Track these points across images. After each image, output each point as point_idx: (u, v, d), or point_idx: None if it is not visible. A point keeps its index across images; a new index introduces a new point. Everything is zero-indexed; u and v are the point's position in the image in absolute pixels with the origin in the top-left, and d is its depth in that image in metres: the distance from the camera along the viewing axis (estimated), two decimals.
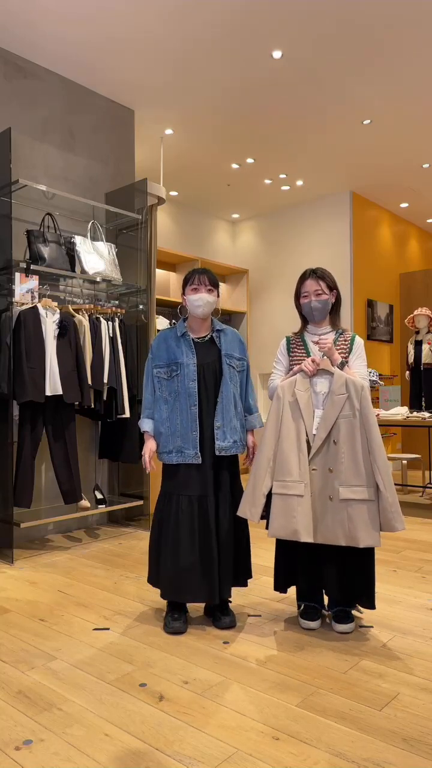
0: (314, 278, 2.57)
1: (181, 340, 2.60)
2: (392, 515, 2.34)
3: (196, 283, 2.57)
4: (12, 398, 3.60)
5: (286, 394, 2.50)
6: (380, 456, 2.37)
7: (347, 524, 2.34)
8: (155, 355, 2.63)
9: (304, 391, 2.47)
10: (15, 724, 1.85)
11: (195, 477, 2.54)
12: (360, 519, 2.33)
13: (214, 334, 2.66)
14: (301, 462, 2.41)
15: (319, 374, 2.49)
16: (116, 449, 4.32)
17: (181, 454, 2.53)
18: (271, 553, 3.72)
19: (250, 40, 3.98)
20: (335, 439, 2.41)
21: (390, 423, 5.08)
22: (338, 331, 2.62)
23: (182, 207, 7.18)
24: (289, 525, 2.37)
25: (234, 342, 2.68)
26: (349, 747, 1.71)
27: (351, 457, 2.38)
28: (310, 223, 7.16)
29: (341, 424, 2.40)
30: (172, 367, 2.57)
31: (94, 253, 4.15)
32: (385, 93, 4.70)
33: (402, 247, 7.93)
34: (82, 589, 3.11)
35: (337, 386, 2.43)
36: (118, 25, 3.84)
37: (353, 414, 2.40)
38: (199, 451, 2.52)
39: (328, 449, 2.42)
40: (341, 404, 2.41)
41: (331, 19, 3.77)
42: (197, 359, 2.57)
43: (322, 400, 2.48)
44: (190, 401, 2.54)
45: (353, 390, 2.42)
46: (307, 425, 2.44)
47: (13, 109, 4.14)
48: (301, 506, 2.37)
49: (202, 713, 1.90)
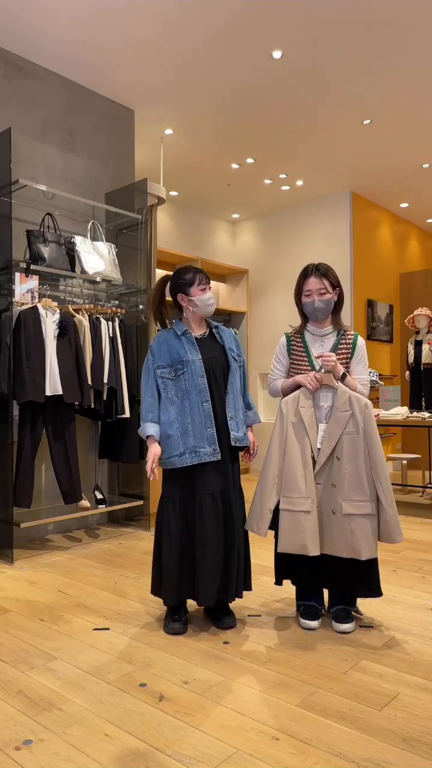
0: (318, 276, 2.52)
1: (182, 338, 2.60)
2: (393, 528, 2.41)
3: (204, 283, 2.60)
4: (12, 398, 3.60)
5: (290, 412, 2.52)
6: (383, 472, 2.42)
7: (350, 538, 2.39)
8: (156, 356, 2.59)
9: (307, 408, 2.50)
10: (15, 724, 1.85)
11: (214, 473, 2.52)
12: (362, 533, 2.38)
13: (213, 330, 2.68)
14: (307, 478, 2.45)
15: (322, 389, 2.51)
16: (116, 449, 4.32)
17: (196, 454, 2.49)
18: (271, 553, 3.72)
19: (250, 40, 3.98)
20: (338, 455, 2.44)
21: (390, 423, 5.08)
22: (340, 332, 2.58)
23: (182, 207, 7.18)
24: (298, 540, 2.41)
25: (231, 339, 2.71)
26: (349, 747, 1.71)
27: (354, 473, 2.42)
28: (310, 223, 7.16)
29: (345, 441, 2.44)
30: (176, 366, 2.55)
31: (94, 253, 4.15)
32: (385, 93, 4.70)
33: (402, 247, 7.93)
34: (82, 589, 3.11)
35: (341, 403, 2.45)
36: (118, 26, 3.84)
37: (356, 431, 2.43)
38: (217, 446, 2.52)
39: (332, 465, 2.46)
40: (345, 421, 2.44)
41: (331, 19, 3.77)
42: (202, 355, 2.57)
43: (325, 414, 2.49)
44: (201, 397, 2.53)
45: (357, 407, 2.44)
46: (312, 440, 2.47)
47: (13, 109, 4.14)
48: (308, 522, 2.40)
49: (202, 713, 1.90)
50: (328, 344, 2.58)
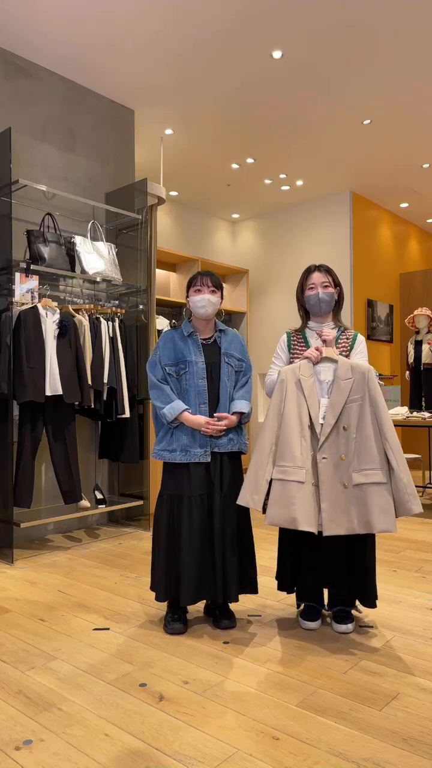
0: (321, 271, 2.59)
1: (188, 339, 2.61)
2: (407, 496, 2.25)
3: (199, 285, 2.59)
4: (12, 398, 3.60)
5: (290, 378, 2.44)
6: (392, 436, 2.31)
7: (362, 510, 2.28)
8: (163, 353, 2.61)
9: (308, 377, 2.42)
10: (15, 724, 1.85)
11: (202, 475, 2.53)
12: (374, 503, 2.26)
13: (216, 335, 2.68)
14: (303, 448, 2.35)
15: (322, 362, 2.46)
16: (116, 449, 4.32)
17: (187, 453, 2.52)
18: (271, 554, 3.72)
19: (250, 40, 3.98)
20: (345, 425, 2.35)
21: None
22: (340, 328, 2.62)
23: (182, 207, 7.18)
24: (288, 512, 2.28)
25: (234, 342, 2.69)
26: (349, 747, 1.71)
27: (362, 441, 2.32)
28: (310, 223, 7.16)
29: (350, 409, 2.36)
30: (180, 366, 2.57)
31: (94, 253, 4.15)
32: (385, 93, 4.70)
33: (402, 247, 7.93)
34: (82, 589, 3.11)
35: (343, 371, 2.39)
36: (119, 26, 3.84)
37: (361, 397, 2.36)
38: (209, 448, 2.53)
39: (338, 436, 2.36)
40: (348, 389, 2.37)
41: (331, 19, 3.77)
42: (205, 359, 2.58)
43: (327, 389, 2.43)
44: (199, 399, 2.54)
45: (359, 373, 2.38)
46: (312, 412, 2.38)
47: (13, 109, 4.14)
48: (300, 493, 2.29)
49: (202, 713, 1.90)
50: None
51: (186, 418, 2.52)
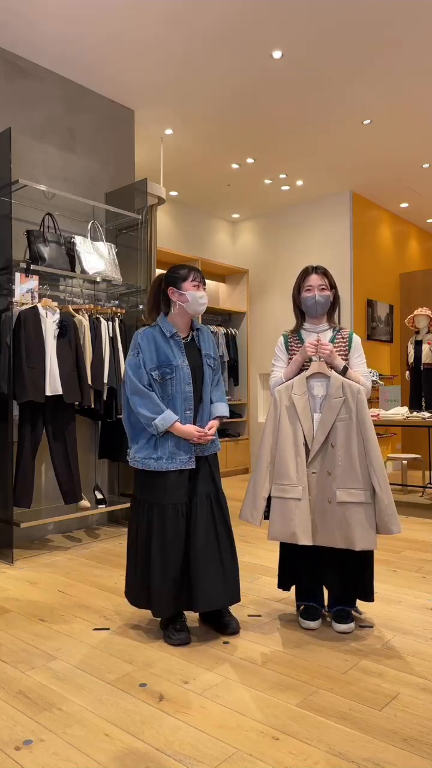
0: (319, 274, 2.60)
1: (171, 340, 2.49)
2: (388, 518, 2.37)
3: (198, 280, 2.51)
4: (12, 398, 3.60)
5: (283, 399, 2.52)
6: (376, 458, 2.39)
7: (344, 527, 2.37)
8: (146, 356, 2.46)
9: (301, 395, 2.49)
10: (15, 724, 1.85)
11: (185, 482, 2.46)
12: (356, 522, 2.36)
13: (193, 333, 2.59)
14: (299, 466, 2.44)
15: (315, 378, 2.51)
16: (116, 449, 4.32)
17: (173, 460, 2.44)
18: (271, 554, 3.72)
19: (250, 40, 3.98)
20: (333, 443, 2.43)
21: (390, 423, 5.08)
22: (335, 329, 2.64)
23: (182, 207, 7.18)
24: (288, 528, 2.41)
25: (209, 341, 2.62)
26: (349, 747, 1.71)
27: (348, 460, 2.40)
28: (310, 223, 7.15)
29: (338, 428, 2.43)
30: (164, 370, 2.45)
31: (94, 253, 4.15)
32: (385, 93, 4.70)
33: (402, 247, 7.93)
34: (82, 589, 3.11)
35: (334, 389, 2.45)
36: (119, 25, 3.84)
37: (349, 417, 2.42)
38: (193, 454, 2.47)
39: (326, 453, 2.45)
40: (338, 407, 2.43)
41: (331, 19, 3.77)
42: (189, 361, 2.50)
43: (319, 404, 2.49)
44: (185, 405, 2.47)
45: (349, 393, 2.44)
46: (306, 429, 2.46)
47: (13, 109, 4.14)
48: (299, 509, 2.40)
49: (202, 713, 1.90)
50: (324, 339, 2.61)
51: (177, 429, 2.43)
